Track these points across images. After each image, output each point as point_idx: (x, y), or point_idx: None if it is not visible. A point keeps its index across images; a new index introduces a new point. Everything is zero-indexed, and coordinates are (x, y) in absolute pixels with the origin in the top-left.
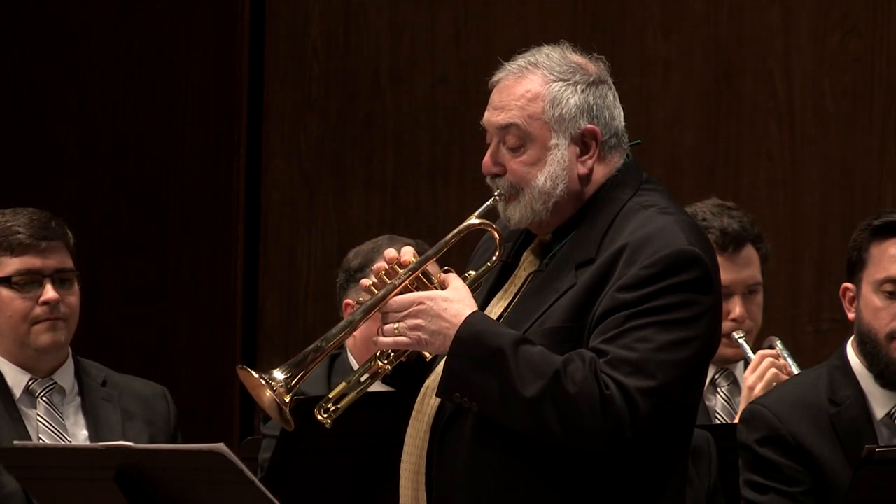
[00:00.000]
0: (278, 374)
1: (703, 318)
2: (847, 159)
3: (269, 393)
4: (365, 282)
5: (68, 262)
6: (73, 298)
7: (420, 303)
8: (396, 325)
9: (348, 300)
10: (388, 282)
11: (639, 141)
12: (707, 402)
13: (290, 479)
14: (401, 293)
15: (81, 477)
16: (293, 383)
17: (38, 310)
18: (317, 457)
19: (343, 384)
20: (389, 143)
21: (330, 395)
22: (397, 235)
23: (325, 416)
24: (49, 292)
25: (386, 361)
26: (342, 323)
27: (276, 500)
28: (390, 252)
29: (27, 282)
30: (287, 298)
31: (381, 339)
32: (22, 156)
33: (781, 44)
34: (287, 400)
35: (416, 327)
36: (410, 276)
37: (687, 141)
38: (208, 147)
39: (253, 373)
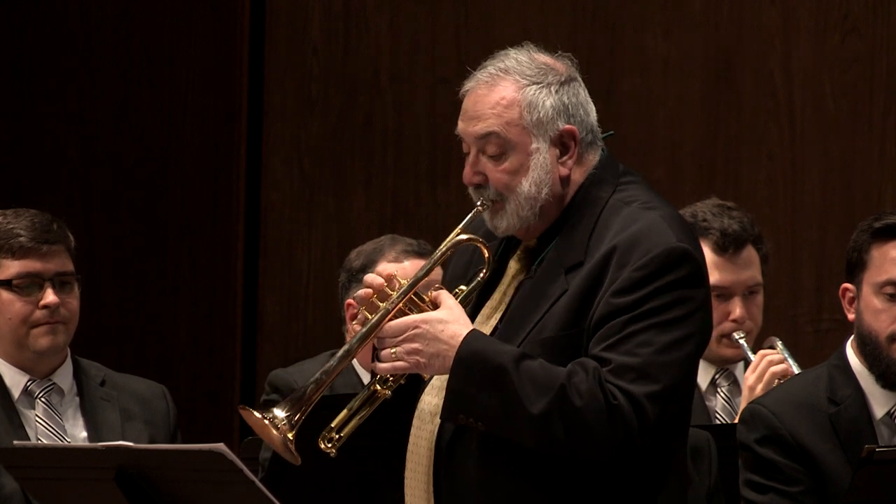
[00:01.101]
0: (279, 413)
1: (698, 314)
2: (847, 159)
3: (275, 432)
4: (356, 324)
5: (69, 266)
6: (73, 302)
7: (416, 326)
8: (393, 350)
9: (350, 300)
10: (381, 306)
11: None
12: (707, 403)
13: (290, 478)
14: (395, 317)
15: (81, 477)
16: (295, 420)
17: (38, 313)
18: (317, 457)
19: (345, 411)
20: (389, 143)
21: (332, 424)
22: (399, 236)
23: (329, 444)
24: (49, 296)
25: (385, 386)
26: (340, 353)
27: (276, 500)
28: (368, 292)
29: (27, 285)
30: (287, 298)
31: (380, 365)
32: (22, 156)
33: (781, 44)
34: (291, 437)
35: (414, 351)
36: (403, 298)
37: (687, 141)
38: (208, 147)
39: (255, 413)
